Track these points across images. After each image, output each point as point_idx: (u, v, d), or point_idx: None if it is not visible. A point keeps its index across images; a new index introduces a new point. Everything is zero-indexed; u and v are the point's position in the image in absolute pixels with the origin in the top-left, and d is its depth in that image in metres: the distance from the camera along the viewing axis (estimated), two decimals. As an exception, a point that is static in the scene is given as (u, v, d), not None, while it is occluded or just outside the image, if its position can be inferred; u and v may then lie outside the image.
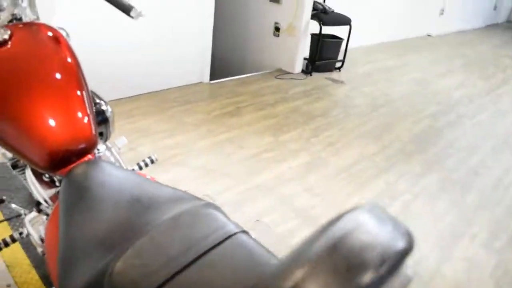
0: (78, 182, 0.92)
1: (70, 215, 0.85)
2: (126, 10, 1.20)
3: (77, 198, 0.88)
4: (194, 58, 3.99)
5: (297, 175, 2.75)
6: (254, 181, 2.63)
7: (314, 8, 4.65)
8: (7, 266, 1.80)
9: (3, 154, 1.30)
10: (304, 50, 4.81)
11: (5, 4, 1.20)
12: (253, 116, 3.56)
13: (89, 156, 1.05)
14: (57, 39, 1.16)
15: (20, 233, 1.35)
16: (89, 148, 1.05)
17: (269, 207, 2.40)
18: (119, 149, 1.63)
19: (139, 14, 1.21)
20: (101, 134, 1.41)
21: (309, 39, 4.84)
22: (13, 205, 1.47)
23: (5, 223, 2.04)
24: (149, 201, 0.82)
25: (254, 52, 5.13)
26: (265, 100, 3.93)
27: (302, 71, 4.87)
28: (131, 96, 3.62)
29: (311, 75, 4.79)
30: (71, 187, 0.92)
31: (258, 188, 2.56)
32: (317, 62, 4.81)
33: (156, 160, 1.75)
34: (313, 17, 4.66)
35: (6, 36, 1.08)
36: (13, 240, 1.38)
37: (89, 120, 1.07)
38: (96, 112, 1.30)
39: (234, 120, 3.43)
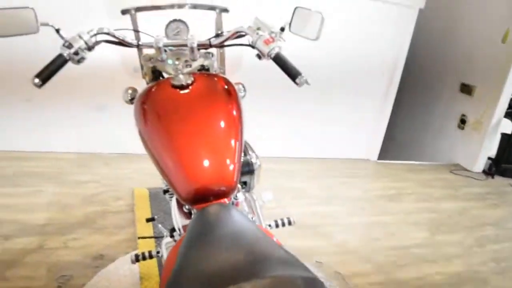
0: (206, 219, 1.01)
1: (190, 246, 0.93)
2: (293, 75, 1.29)
3: (201, 233, 0.96)
4: (366, 135, 4.00)
5: (444, 284, 2.47)
6: (394, 275, 2.45)
7: (509, 106, 4.26)
8: (141, 277, 2.00)
9: (163, 180, 1.50)
10: (489, 149, 4.41)
11: (198, 56, 1.42)
12: (413, 205, 3.36)
13: (225, 200, 1.14)
14: (230, 92, 1.32)
15: (157, 252, 1.53)
16: (227, 192, 1.15)
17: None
18: (263, 202, 1.72)
19: (304, 82, 1.29)
20: (245, 183, 1.52)
21: (498, 138, 4.42)
22: (160, 225, 1.68)
23: (153, 239, 2.29)
24: (261, 255, 0.86)
25: (432, 140, 4.89)
26: (431, 193, 3.68)
27: (483, 171, 4.44)
28: (296, 158, 3.77)
29: (493, 177, 4.33)
30: (199, 222, 1.01)
31: (397, 284, 2.37)
32: (503, 165, 4.34)
33: (294, 222, 1.79)
34: (507, 115, 4.26)
35: (189, 81, 1.30)
36: (151, 256, 1.56)
37: (234, 168, 1.17)
38: (244, 162, 1.43)
39: (391, 205, 3.29)
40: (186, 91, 1.29)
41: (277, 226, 1.78)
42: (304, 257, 2.27)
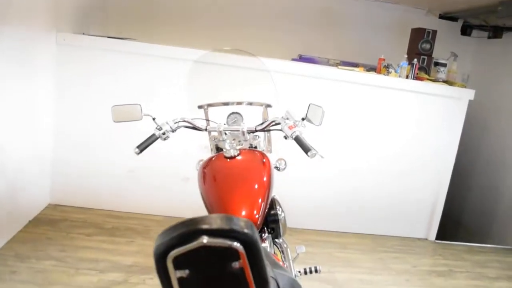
0: None
1: None
2: (306, 150, 1.77)
3: None
4: (423, 213, 4.23)
5: None
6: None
7: None
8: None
9: None
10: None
11: (248, 137, 2.01)
12: (463, 282, 3.50)
13: None
14: (264, 162, 1.89)
15: None
16: None
17: None
18: (297, 254, 2.19)
19: (314, 155, 1.79)
20: (273, 229, 1.99)
21: None
22: None
23: None
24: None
25: (500, 222, 4.91)
26: (486, 273, 3.77)
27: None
28: (351, 232, 4.11)
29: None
30: None
31: None
32: None
33: (320, 271, 2.20)
34: None
35: (236, 153, 1.92)
36: None
37: (257, 211, 1.69)
38: (272, 213, 1.96)
39: (439, 280, 3.47)
40: (233, 160, 1.88)
41: (305, 273, 2.21)
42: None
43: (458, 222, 5.18)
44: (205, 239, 0.87)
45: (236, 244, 0.88)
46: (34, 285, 2.71)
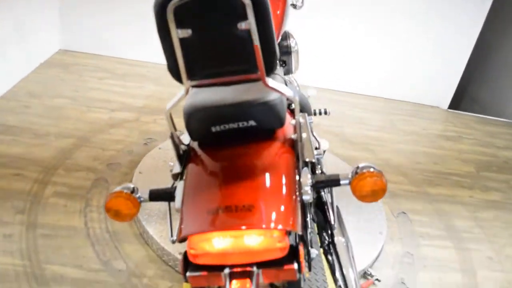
0: None
1: None
2: None
3: None
4: (438, 81, 4.13)
5: (473, 204, 2.72)
6: (425, 189, 2.75)
7: None
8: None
9: None
10: None
11: None
12: (470, 147, 3.52)
13: None
14: None
15: None
16: None
17: None
18: (308, 96, 2.08)
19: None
20: (284, 62, 1.87)
21: None
22: None
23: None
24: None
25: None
26: (495, 142, 3.78)
27: None
28: (364, 94, 4.07)
29: None
30: None
31: (424, 194, 2.67)
32: None
33: (329, 113, 2.15)
34: None
35: None
36: None
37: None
38: (283, 45, 1.79)
39: (447, 143, 3.49)
40: None
41: (314, 114, 2.18)
42: (346, 162, 2.67)
43: (474, 98, 5.07)
44: None
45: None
46: (48, 119, 2.77)
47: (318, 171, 1.09)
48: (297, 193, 0.91)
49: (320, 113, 2.18)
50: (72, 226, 1.99)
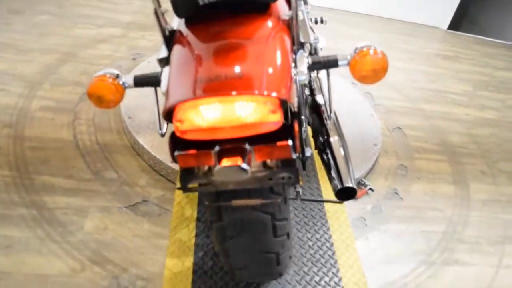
0: None
1: None
2: None
3: None
4: (438, 1, 3.98)
5: (469, 122, 2.69)
6: (420, 105, 2.70)
7: None
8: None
9: None
10: None
11: None
12: (468, 67, 3.45)
13: None
14: None
15: None
16: None
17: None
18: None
19: None
20: None
21: None
22: None
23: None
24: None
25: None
26: (492, 63, 3.70)
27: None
28: (361, 13, 3.92)
29: None
30: None
31: (419, 111, 2.63)
32: None
33: (325, 22, 2.04)
34: None
35: None
36: None
37: None
38: None
39: (444, 62, 3.41)
40: None
41: (316, 22, 2.07)
42: (342, 78, 2.60)
43: (474, 20, 4.91)
44: None
45: None
46: (32, 36, 2.64)
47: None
48: (293, 72, 0.85)
49: (316, 22, 2.08)
50: (60, 138, 1.94)
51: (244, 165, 0.76)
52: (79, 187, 1.72)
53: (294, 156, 0.80)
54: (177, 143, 0.80)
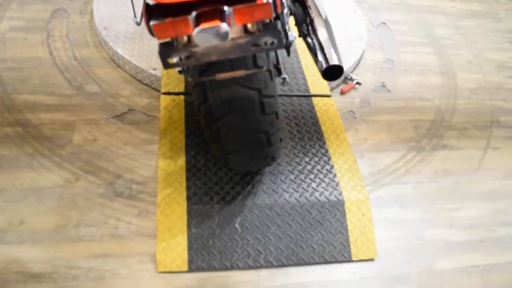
0: None
1: None
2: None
3: None
4: None
5: (456, 14, 2.63)
6: None
7: None
8: None
9: None
10: None
11: None
12: None
13: None
14: None
15: None
16: None
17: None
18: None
19: None
20: None
21: None
22: None
23: None
24: None
25: None
26: None
27: None
28: None
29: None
30: None
31: (407, 6, 2.55)
32: None
33: None
34: None
35: None
36: None
37: None
38: None
39: None
40: None
41: None
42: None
43: None
44: None
45: None
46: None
47: None
48: None
49: None
50: (36, 57, 1.86)
51: (224, 25, 0.73)
52: (62, 103, 1.69)
53: (275, 15, 0.77)
54: (152, 12, 0.76)
